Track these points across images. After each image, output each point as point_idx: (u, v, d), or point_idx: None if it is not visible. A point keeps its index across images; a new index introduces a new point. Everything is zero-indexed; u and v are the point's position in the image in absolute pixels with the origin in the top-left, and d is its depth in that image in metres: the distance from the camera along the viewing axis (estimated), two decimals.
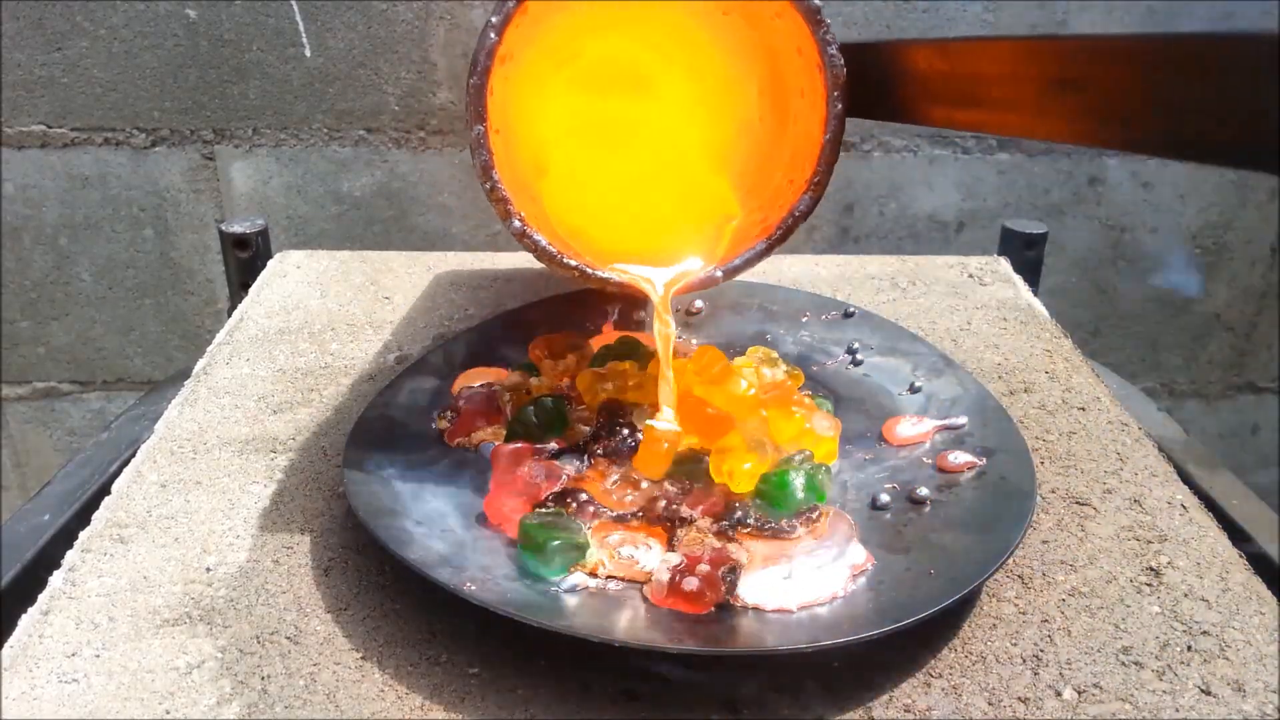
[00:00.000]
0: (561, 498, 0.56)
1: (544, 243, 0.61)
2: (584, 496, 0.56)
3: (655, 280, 0.62)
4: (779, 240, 0.66)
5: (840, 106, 0.62)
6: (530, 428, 0.62)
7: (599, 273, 0.63)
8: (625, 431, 0.60)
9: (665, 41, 0.68)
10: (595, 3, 0.64)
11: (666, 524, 0.55)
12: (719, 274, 0.65)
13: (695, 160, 0.70)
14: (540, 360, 0.70)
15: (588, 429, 0.62)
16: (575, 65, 0.68)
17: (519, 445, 0.60)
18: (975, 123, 0.51)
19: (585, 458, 0.60)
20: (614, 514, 0.55)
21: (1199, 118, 0.33)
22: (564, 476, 0.58)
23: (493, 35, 0.56)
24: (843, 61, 0.61)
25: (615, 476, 0.58)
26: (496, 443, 0.61)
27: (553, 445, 0.61)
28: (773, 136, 0.68)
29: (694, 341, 0.73)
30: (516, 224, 0.59)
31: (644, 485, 0.57)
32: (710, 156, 0.70)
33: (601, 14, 0.65)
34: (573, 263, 0.61)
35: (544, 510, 0.55)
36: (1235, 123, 0.31)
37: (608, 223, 0.67)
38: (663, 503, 0.56)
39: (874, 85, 0.60)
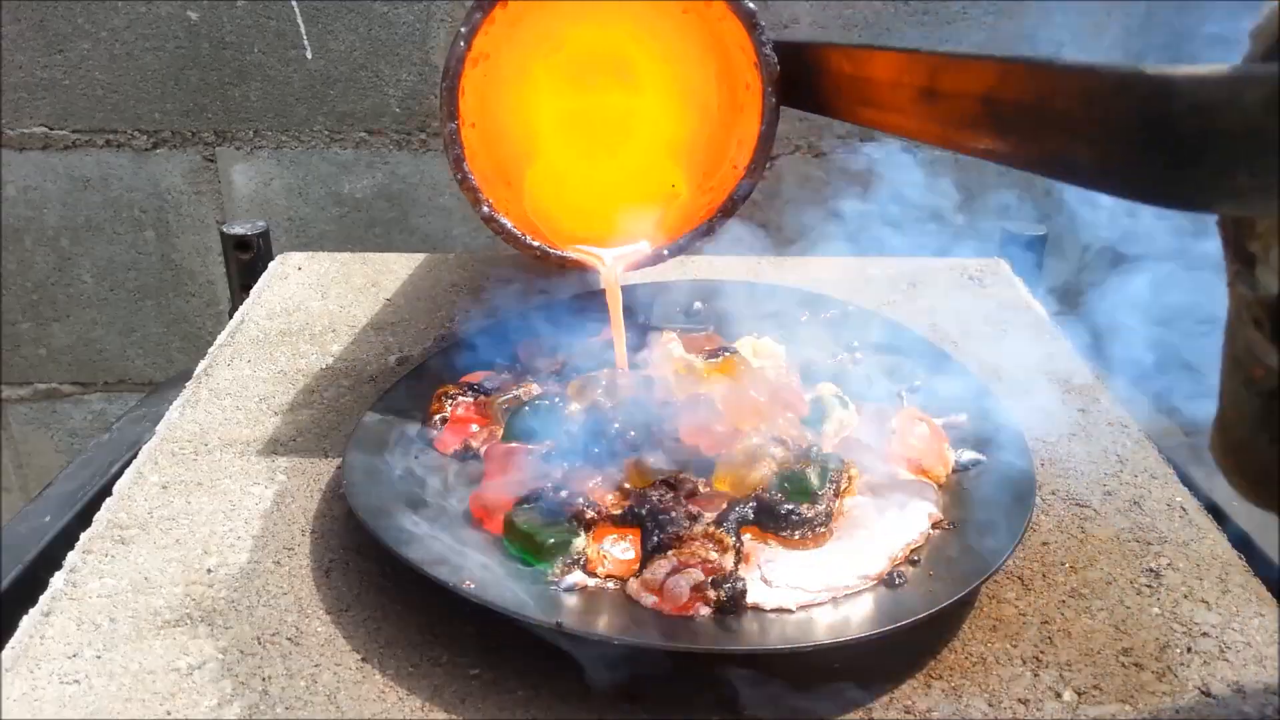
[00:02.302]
0: (551, 495, 0.56)
1: (509, 226, 0.66)
2: (574, 493, 0.56)
3: (605, 258, 0.69)
4: (720, 221, 0.71)
5: (774, 100, 0.68)
6: (524, 429, 0.62)
7: (557, 252, 0.68)
8: (614, 435, 0.61)
9: (639, 33, 0.73)
10: (567, 1, 0.69)
11: (659, 524, 0.55)
12: (665, 253, 0.71)
13: (661, 149, 0.75)
14: (532, 363, 0.70)
15: (579, 431, 0.62)
16: (559, 56, 0.73)
17: (513, 445, 0.60)
18: (871, 121, 0.56)
19: (577, 458, 0.60)
20: (607, 512, 0.55)
21: (1030, 134, 0.35)
22: (555, 475, 0.58)
23: (462, 44, 0.62)
24: (776, 60, 0.67)
25: (601, 478, 0.58)
26: (492, 443, 0.61)
27: (546, 445, 0.61)
28: (725, 126, 0.73)
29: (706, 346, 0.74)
30: (485, 209, 0.65)
31: (626, 486, 0.57)
32: (676, 145, 0.75)
33: (578, 7, 0.70)
34: (535, 244, 0.67)
35: (528, 505, 0.55)
36: (1056, 141, 0.33)
37: (577, 208, 0.74)
38: (657, 503, 0.56)
39: (803, 83, 0.65)
